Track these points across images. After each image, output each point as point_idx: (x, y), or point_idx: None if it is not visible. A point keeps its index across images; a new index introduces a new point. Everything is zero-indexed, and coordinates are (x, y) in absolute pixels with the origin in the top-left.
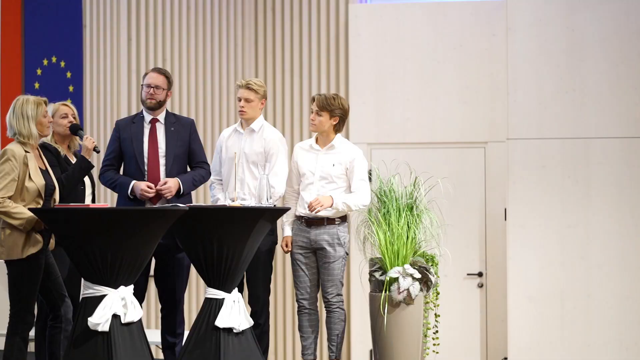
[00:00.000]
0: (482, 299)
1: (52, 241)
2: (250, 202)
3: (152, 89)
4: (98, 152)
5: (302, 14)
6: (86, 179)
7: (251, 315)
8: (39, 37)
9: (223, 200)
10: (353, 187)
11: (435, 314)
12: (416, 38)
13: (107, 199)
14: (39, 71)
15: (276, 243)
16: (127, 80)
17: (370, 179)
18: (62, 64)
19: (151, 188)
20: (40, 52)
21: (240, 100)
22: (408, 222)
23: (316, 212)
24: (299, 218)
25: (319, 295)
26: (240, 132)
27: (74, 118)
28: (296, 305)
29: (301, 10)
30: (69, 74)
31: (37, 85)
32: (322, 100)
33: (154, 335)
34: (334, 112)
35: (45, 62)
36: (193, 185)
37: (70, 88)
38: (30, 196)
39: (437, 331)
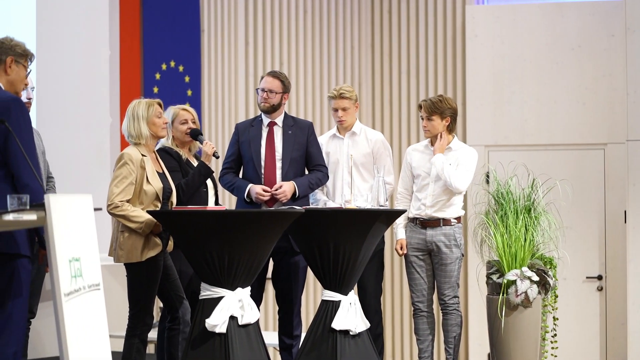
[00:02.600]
0: (602, 302)
1: (171, 243)
2: (365, 204)
3: (266, 92)
4: (217, 157)
5: (418, 16)
6: (209, 182)
7: None
8: (158, 42)
9: (324, 202)
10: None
11: (553, 317)
12: (533, 39)
13: (230, 201)
14: (157, 76)
15: (384, 245)
16: (244, 83)
17: (487, 181)
18: (181, 68)
19: (266, 192)
20: (159, 57)
21: (336, 110)
22: (526, 224)
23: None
24: (412, 220)
25: (435, 297)
26: (339, 137)
27: (194, 122)
28: (411, 308)
29: (417, 12)
30: (187, 78)
31: (155, 89)
32: (429, 105)
33: (271, 337)
34: (444, 113)
35: (163, 66)
36: (309, 189)
37: (189, 92)
38: (148, 199)
39: (555, 334)
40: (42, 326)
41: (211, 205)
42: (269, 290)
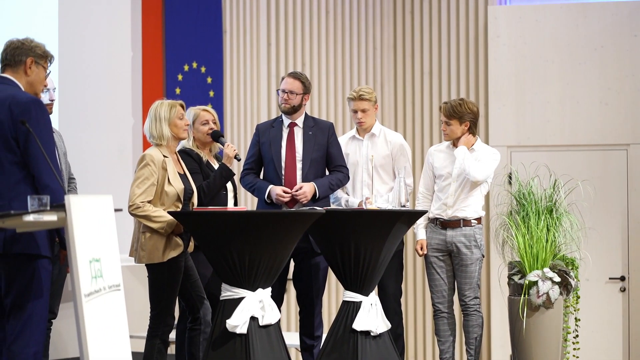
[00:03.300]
0: (625, 303)
1: (192, 244)
2: (386, 205)
3: (286, 94)
4: (239, 160)
5: (440, 17)
6: (228, 184)
7: None
8: (180, 43)
9: (345, 201)
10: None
11: (575, 318)
12: (556, 39)
13: (250, 202)
14: (180, 77)
15: (403, 246)
16: (266, 84)
17: (510, 182)
18: (203, 69)
19: (286, 193)
20: (181, 58)
21: (356, 112)
22: (547, 225)
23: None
24: (433, 220)
25: (455, 298)
26: (359, 139)
27: (214, 123)
28: (432, 308)
29: (440, 12)
30: (209, 79)
31: (178, 90)
32: (448, 108)
33: (293, 338)
34: (463, 117)
35: (186, 67)
36: (330, 190)
37: (211, 93)
38: (169, 200)
39: (577, 335)
40: (63, 327)
41: (230, 206)
42: (291, 291)
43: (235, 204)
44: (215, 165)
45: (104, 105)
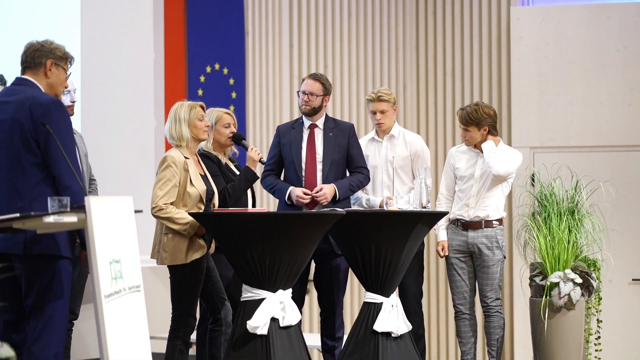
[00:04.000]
0: None
1: (213, 245)
2: (407, 206)
3: (307, 95)
4: (263, 163)
5: (463, 18)
6: None
7: None
8: (202, 45)
9: (366, 200)
10: None
11: (597, 320)
12: (579, 40)
13: (269, 203)
14: (202, 78)
15: (423, 247)
16: (289, 86)
17: (532, 184)
18: (225, 70)
19: (307, 194)
20: (203, 60)
21: (374, 113)
22: (569, 226)
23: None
24: (454, 221)
25: (476, 299)
26: (378, 141)
27: (235, 126)
28: (453, 310)
29: (462, 13)
30: (231, 81)
31: (200, 92)
32: (464, 116)
33: (314, 339)
34: (481, 123)
35: (208, 69)
36: (350, 191)
37: (233, 94)
38: (191, 201)
39: (599, 337)
40: (85, 328)
41: (250, 208)
42: (312, 292)
43: (254, 205)
44: (233, 168)
45: (126, 106)
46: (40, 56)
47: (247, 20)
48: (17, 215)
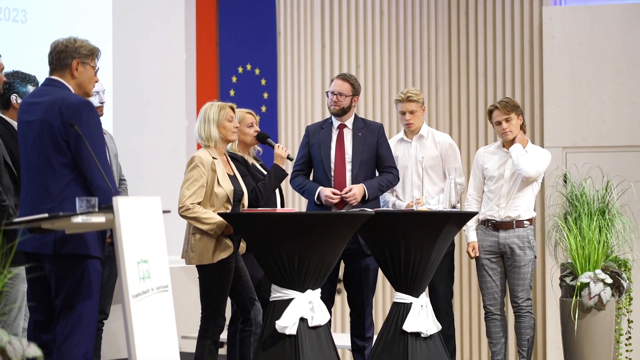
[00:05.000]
0: None
1: (243, 245)
2: (437, 207)
3: (335, 95)
4: (292, 159)
5: (495, 18)
6: None
7: None
8: (234, 45)
9: (392, 204)
10: None
11: (628, 320)
12: (611, 39)
13: (297, 203)
14: (234, 79)
15: (454, 247)
16: (320, 86)
17: (565, 184)
18: (257, 71)
19: (335, 194)
20: (235, 60)
21: (404, 114)
22: (600, 226)
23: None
24: (484, 222)
25: (506, 299)
26: (407, 141)
27: (257, 126)
28: (483, 310)
29: (494, 13)
30: (263, 81)
31: (232, 92)
32: (505, 104)
33: (345, 339)
34: (518, 109)
35: (240, 69)
36: (379, 191)
37: (265, 95)
38: (219, 201)
39: (630, 337)
40: (117, 327)
41: (278, 208)
42: (344, 292)
43: (282, 205)
44: (258, 167)
45: (158, 107)
46: (66, 57)
47: (279, 20)
48: (46, 215)
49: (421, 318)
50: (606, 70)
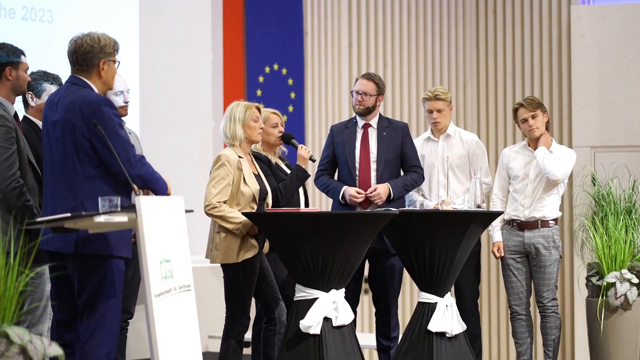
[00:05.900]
0: None
1: (267, 244)
2: (462, 206)
3: (360, 95)
4: (314, 161)
5: (523, 16)
6: None
7: None
8: (261, 45)
9: (420, 204)
10: None
11: None
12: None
13: (321, 203)
14: (261, 79)
15: (480, 247)
16: (347, 86)
17: (594, 183)
18: (284, 71)
19: (360, 193)
20: (262, 60)
21: (431, 112)
22: (626, 225)
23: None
24: (509, 222)
25: (532, 299)
26: (434, 140)
27: (282, 126)
28: (508, 310)
29: (522, 12)
30: (290, 81)
31: (259, 92)
32: (530, 102)
33: (370, 339)
34: (542, 107)
35: (267, 69)
36: (404, 190)
37: (292, 95)
38: (245, 200)
39: None
40: (142, 327)
41: (302, 207)
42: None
43: (306, 204)
44: (284, 167)
45: (184, 107)
46: (93, 58)
47: (306, 20)
48: (69, 215)
49: (446, 318)
50: (635, 69)
